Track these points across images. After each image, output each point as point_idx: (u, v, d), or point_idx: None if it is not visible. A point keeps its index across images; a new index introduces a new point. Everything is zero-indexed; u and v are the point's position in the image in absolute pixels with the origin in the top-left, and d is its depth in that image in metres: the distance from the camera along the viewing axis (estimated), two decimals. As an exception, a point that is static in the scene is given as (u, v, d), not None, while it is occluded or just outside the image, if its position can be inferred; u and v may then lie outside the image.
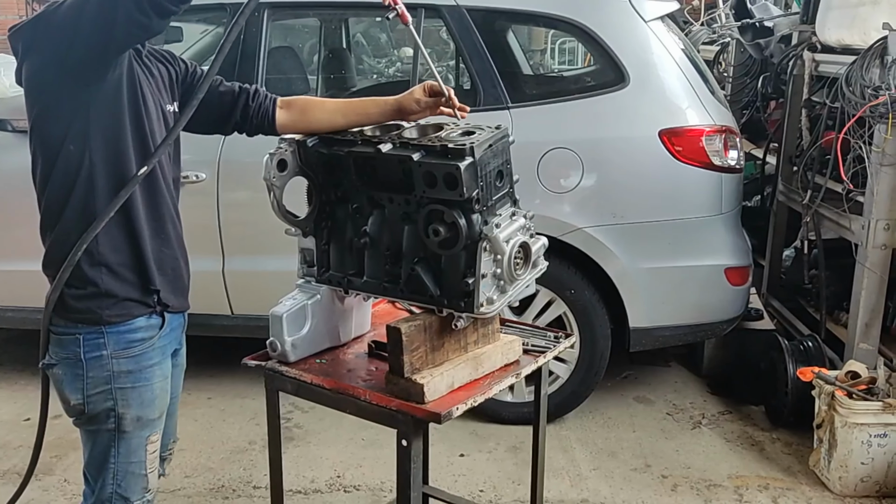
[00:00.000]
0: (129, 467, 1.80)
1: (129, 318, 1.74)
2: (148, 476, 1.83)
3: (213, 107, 1.91)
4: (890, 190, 3.01)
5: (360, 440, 3.23)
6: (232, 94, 1.95)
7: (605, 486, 2.96)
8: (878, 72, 3.00)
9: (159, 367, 1.81)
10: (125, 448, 1.79)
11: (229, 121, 1.96)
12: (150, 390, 1.79)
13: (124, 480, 1.80)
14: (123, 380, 1.75)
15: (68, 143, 1.66)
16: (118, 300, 1.73)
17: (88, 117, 1.64)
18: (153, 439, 1.83)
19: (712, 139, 3.16)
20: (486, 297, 1.71)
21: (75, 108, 1.64)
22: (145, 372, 1.77)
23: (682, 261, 3.25)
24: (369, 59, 6.79)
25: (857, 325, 3.15)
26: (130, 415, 1.77)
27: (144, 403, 1.79)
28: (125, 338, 1.74)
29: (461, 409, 1.72)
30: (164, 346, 1.82)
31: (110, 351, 1.73)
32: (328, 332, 1.97)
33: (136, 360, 1.76)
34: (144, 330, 1.77)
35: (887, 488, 2.87)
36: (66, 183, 1.68)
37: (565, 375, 3.32)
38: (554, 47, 8.63)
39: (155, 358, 1.80)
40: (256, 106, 1.94)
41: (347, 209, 1.88)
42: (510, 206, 1.77)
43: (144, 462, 1.82)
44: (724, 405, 3.59)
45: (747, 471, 3.07)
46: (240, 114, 1.95)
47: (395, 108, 1.90)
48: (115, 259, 1.72)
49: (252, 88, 1.96)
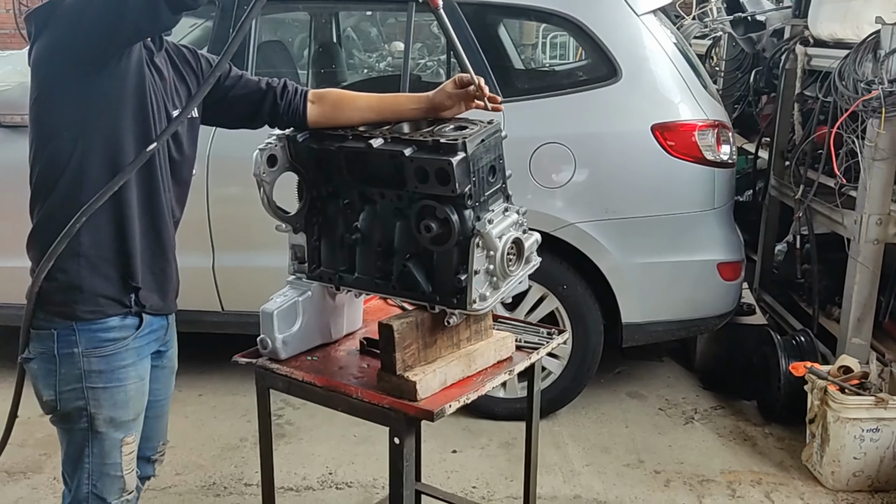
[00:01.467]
0: (103, 468, 1.78)
1: (101, 317, 1.70)
2: (125, 477, 1.80)
3: (238, 104, 1.88)
4: (882, 185, 3.01)
5: (352, 437, 3.21)
6: (259, 91, 1.89)
7: (597, 482, 2.95)
8: (870, 66, 3.00)
9: (133, 369, 1.77)
10: (99, 448, 1.76)
11: (256, 118, 1.92)
12: (124, 391, 1.75)
13: (100, 481, 1.78)
14: (95, 379, 1.71)
15: (62, 130, 1.62)
16: (92, 296, 1.68)
17: (86, 108, 1.61)
18: (128, 440, 1.79)
19: (705, 134, 3.16)
20: (478, 293, 1.69)
21: (74, 95, 1.61)
22: (118, 372, 1.73)
23: (674, 256, 3.24)
24: (360, 53, 6.76)
25: (849, 319, 3.15)
26: (103, 415, 1.74)
27: (117, 405, 1.75)
28: (97, 336, 1.70)
29: (454, 406, 1.70)
30: (140, 348, 1.78)
31: (81, 349, 1.69)
32: (319, 329, 1.95)
33: (107, 360, 1.72)
34: (118, 330, 1.72)
35: (879, 483, 2.87)
36: (54, 169, 1.64)
37: (558, 371, 3.32)
38: (545, 41, 8.60)
39: (129, 359, 1.75)
40: (286, 103, 1.88)
41: (338, 205, 1.86)
42: (503, 202, 1.75)
43: (120, 463, 1.78)
44: (717, 400, 3.59)
45: (740, 466, 3.07)
46: (268, 111, 1.89)
47: (429, 105, 1.85)
48: (95, 252, 1.68)
49: (280, 84, 1.90)
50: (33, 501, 2.81)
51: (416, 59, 6.64)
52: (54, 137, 1.64)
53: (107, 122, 1.63)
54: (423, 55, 6.61)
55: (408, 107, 1.87)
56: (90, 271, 1.68)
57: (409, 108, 1.87)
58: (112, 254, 1.70)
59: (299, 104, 1.88)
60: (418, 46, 6.65)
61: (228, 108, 1.89)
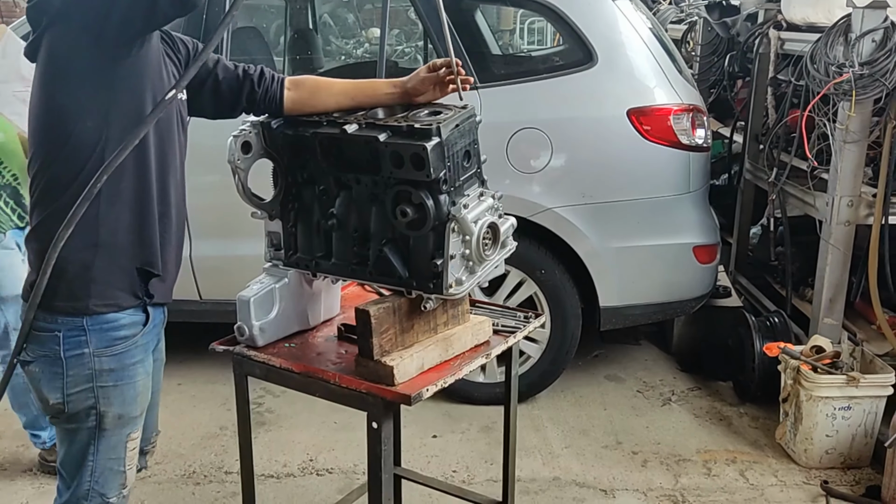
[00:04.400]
0: (107, 464, 1.77)
1: (115, 310, 1.68)
2: (126, 473, 1.80)
3: (219, 94, 1.87)
4: (853, 167, 3.05)
5: (332, 423, 3.22)
6: (237, 78, 1.88)
7: (576, 464, 2.99)
8: (841, 49, 3.03)
9: (142, 365, 1.77)
10: (105, 446, 1.75)
11: (237, 106, 1.90)
12: (133, 388, 1.75)
13: (102, 477, 1.77)
14: (105, 378, 1.70)
15: (86, 119, 1.59)
16: (105, 287, 1.66)
17: (113, 95, 1.59)
18: (133, 436, 1.79)
19: (680, 118, 3.18)
20: (454, 277, 1.70)
21: (100, 83, 1.58)
22: (128, 370, 1.73)
23: (651, 239, 3.27)
24: (336, 39, 6.71)
25: (821, 300, 3.20)
26: (112, 413, 1.73)
27: (126, 401, 1.74)
28: (108, 335, 1.68)
29: (431, 390, 1.71)
30: (146, 344, 1.78)
31: (92, 349, 1.67)
32: (297, 316, 1.95)
33: (118, 358, 1.70)
34: (128, 327, 1.71)
35: (851, 459, 2.93)
36: (77, 158, 1.60)
37: (537, 355, 3.34)
38: (523, 27, 8.59)
39: (138, 356, 1.75)
40: (263, 91, 1.87)
41: (314, 191, 1.86)
42: (478, 187, 1.76)
43: (123, 459, 1.78)
44: (694, 382, 3.64)
45: (715, 445, 3.12)
46: (246, 99, 1.88)
47: (403, 90, 1.85)
48: (113, 241, 1.65)
49: (257, 72, 1.89)
50: (11, 493, 2.80)
51: (392, 46, 6.61)
52: (76, 127, 1.59)
53: (130, 107, 1.61)
54: (401, 41, 6.58)
55: (383, 91, 1.87)
56: (107, 261, 1.65)
57: (384, 93, 1.87)
58: (130, 243, 1.68)
59: (276, 91, 1.87)
60: (395, 33, 6.63)
61: (209, 96, 1.87)
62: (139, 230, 1.69)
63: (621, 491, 2.83)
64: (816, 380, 2.87)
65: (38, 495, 2.79)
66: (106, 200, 1.62)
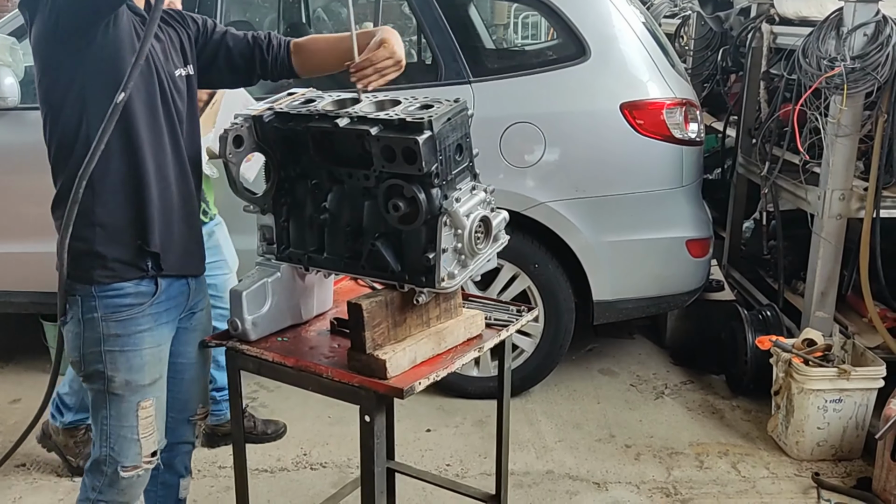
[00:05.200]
0: (120, 430, 1.83)
1: (118, 280, 1.75)
2: (141, 441, 1.84)
3: (233, 64, 1.94)
4: (845, 160, 3.06)
5: (326, 418, 3.22)
6: (248, 46, 1.95)
7: (570, 457, 3.00)
8: (833, 43, 3.04)
9: (150, 334, 1.81)
10: (116, 411, 1.82)
11: (252, 75, 2.00)
12: (139, 356, 1.80)
13: (117, 444, 1.83)
14: (112, 342, 1.77)
15: (66, 108, 1.67)
16: (108, 261, 1.74)
17: (84, 82, 1.66)
18: (145, 405, 1.83)
19: (673, 112, 3.18)
20: (447, 271, 1.70)
21: (71, 72, 1.66)
22: (133, 337, 1.78)
23: (644, 233, 3.28)
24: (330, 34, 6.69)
25: (813, 294, 3.22)
26: (119, 378, 1.79)
27: (133, 368, 1.79)
28: (113, 302, 1.76)
29: (424, 383, 1.72)
30: (157, 314, 1.82)
31: (100, 314, 1.76)
32: (289, 310, 1.95)
33: (123, 324, 1.77)
34: (133, 296, 1.78)
35: (842, 452, 2.95)
36: (67, 143, 1.69)
37: (530, 349, 3.35)
38: (517, 21, 8.59)
39: (145, 324, 1.80)
40: (272, 59, 1.96)
41: (306, 185, 1.86)
42: (470, 181, 1.76)
43: (136, 427, 1.83)
44: (687, 375, 3.65)
45: (708, 438, 3.13)
46: (259, 66, 1.96)
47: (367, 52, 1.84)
48: (109, 220, 1.72)
49: (265, 40, 1.96)
50: (5, 488, 2.79)
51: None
52: (61, 114, 1.69)
53: (106, 91, 1.64)
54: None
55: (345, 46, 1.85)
56: (106, 238, 1.73)
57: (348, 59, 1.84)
58: (126, 221, 1.75)
59: (284, 57, 1.96)
60: (391, 27, 6.59)
61: (225, 68, 1.94)
62: (135, 209, 1.75)
63: (614, 484, 2.85)
64: (808, 373, 2.88)
65: (31, 490, 2.79)
66: (98, 183, 1.69)
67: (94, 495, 1.88)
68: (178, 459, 2.08)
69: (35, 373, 3.59)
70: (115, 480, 1.85)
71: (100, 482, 1.86)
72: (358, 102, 1.78)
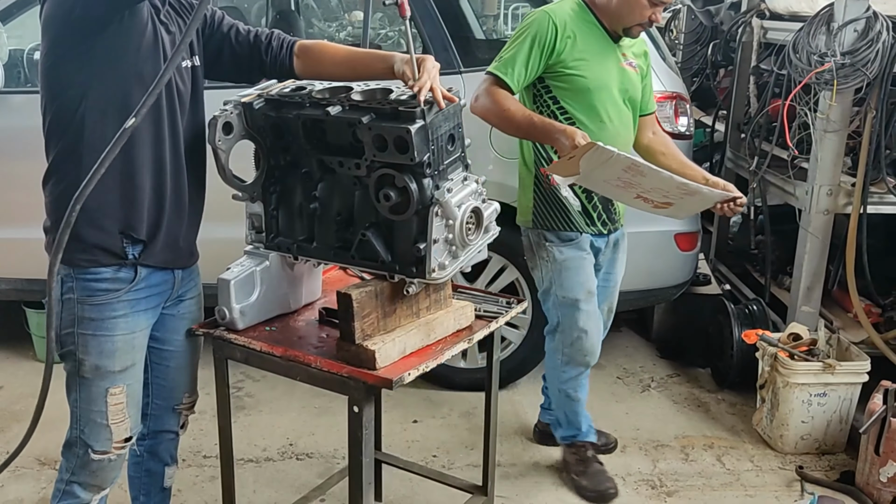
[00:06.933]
0: (90, 414, 1.82)
1: (95, 265, 1.74)
2: (111, 427, 1.83)
3: (238, 60, 1.92)
4: (833, 156, 3.07)
5: (312, 408, 3.21)
6: (250, 44, 1.94)
7: (556, 449, 3.00)
8: (823, 38, 3.04)
9: (124, 321, 1.79)
10: (86, 395, 1.81)
11: (254, 71, 1.96)
12: (111, 342, 1.78)
13: (87, 427, 1.83)
14: (86, 325, 1.76)
15: (67, 89, 1.66)
16: (88, 246, 1.73)
17: (89, 69, 1.64)
18: (114, 391, 1.81)
19: (663, 105, 3.18)
20: (437, 262, 1.70)
21: (77, 58, 1.63)
22: (107, 322, 1.77)
23: (632, 227, 3.26)
24: (319, 22, 6.65)
25: (799, 288, 3.23)
26: (89, 362, 1.78)
27: (104, 354, 1.78)
28: (90, 286, 1.75)
29: (413, 374, 1.71)
30: (134, 301, 1.80)
31: (77, 296, 1.75)
32: (278, 299, 1.94)
33: (98, 308, 1.76)
34: (110, 282, 1.76)
35: (826, 445, 2.97)
36: (59, 126, 1.69)
37: (518, 341, 3.35)
38: (507, 13, 8.57)
39: (120, 310, 1.78)
40: (272, 59, 1.93)
41: (297, 174, 1.84)
42: (462, 171, 1.75)
43: (105, 412, 1.82)
44: (673, 368, 3.66)
45: (693, 431, 3.15)
46: (259, 67, 1.95)
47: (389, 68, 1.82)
48: (96, 206, 1.70)
49: (267, 38, 1.94)
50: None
51: (375, 29, 6.56)
52: (60, 96, 1.67)
53: (111, 81, 1.65)
54: (384, 25, 6.52)
55: (375, 66, 1.86)
56: (87, 223, 1.70)
57: (376, 67, 1.86)
58: (114, 208, 1.73)
59: (285, 58, 1.93)
60: (378, 16, 6.57)
61: (229, 62, 1.92)
62: (125, 198, 1.73)
63: (600, 476, 2.85)
64: (793, 367, 2.90)
65: (13, 479, 2.76)
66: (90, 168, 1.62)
67: (68, 476, 1.88)
68: (163, 447, 2.06)
69: (18, 359, 3.56)
70: (86, 462, 1.85)
71: (72, 463, 1.87)
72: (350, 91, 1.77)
